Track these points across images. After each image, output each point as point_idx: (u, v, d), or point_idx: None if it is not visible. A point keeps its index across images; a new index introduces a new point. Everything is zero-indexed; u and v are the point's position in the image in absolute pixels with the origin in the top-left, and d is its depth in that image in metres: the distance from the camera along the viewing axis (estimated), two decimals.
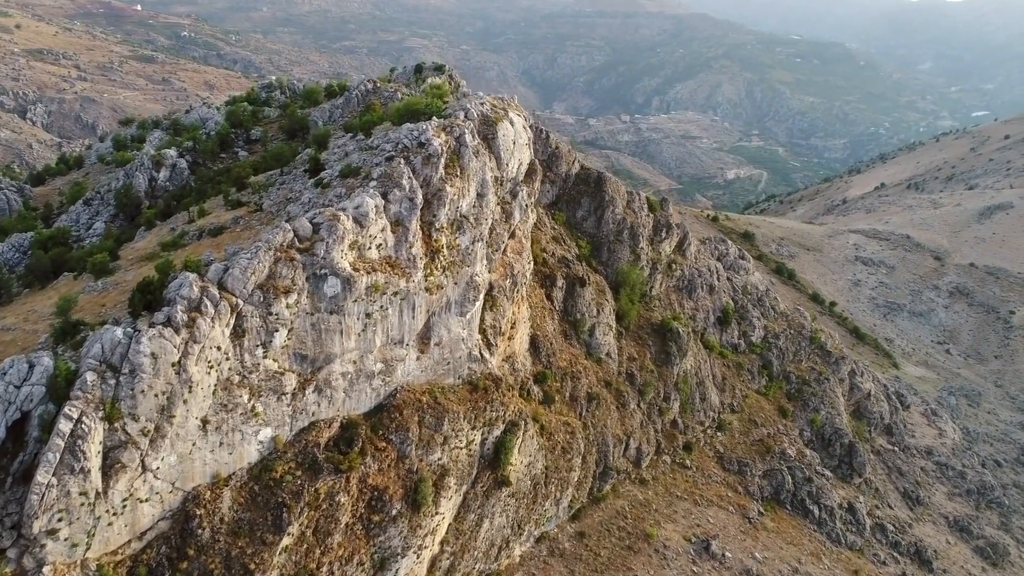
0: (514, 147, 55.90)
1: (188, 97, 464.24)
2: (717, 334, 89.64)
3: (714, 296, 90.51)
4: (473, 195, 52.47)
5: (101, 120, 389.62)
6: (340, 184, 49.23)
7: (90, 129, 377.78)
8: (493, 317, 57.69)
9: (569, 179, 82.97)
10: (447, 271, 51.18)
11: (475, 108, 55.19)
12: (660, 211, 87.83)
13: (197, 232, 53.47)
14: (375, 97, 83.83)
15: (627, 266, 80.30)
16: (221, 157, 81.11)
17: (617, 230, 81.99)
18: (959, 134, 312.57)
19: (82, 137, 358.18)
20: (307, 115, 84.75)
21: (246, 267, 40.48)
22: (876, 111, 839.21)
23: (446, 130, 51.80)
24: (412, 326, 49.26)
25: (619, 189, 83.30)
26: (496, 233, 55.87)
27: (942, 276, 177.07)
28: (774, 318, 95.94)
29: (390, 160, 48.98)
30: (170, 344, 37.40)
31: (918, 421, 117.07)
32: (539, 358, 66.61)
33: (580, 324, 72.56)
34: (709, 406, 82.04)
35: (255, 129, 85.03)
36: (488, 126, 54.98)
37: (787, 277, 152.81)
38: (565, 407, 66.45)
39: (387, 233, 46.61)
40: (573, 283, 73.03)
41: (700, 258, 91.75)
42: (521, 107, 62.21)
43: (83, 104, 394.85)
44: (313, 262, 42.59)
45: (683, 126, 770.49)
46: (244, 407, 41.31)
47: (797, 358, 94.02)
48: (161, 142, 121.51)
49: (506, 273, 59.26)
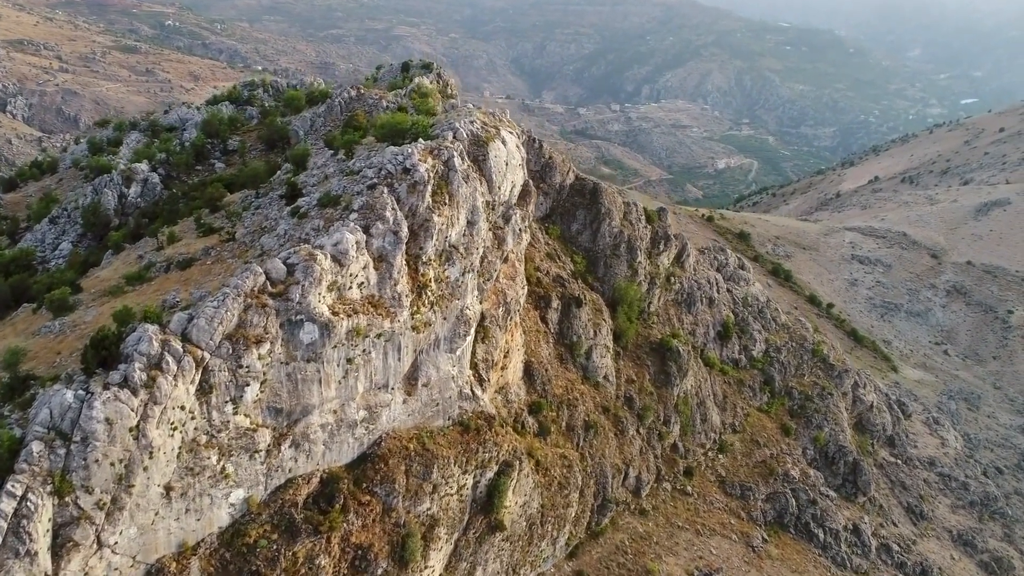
0: (506, 169, 52.05)
1: (172, 89, 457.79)
2: (717, 349, 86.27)
3: (714, 309, 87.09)
4: (463, 223, 48.68)
5: (83, 113, 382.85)
6: (318, 214, 45.31)
7: (72, 122, 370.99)
8: (485, 350, 54.04)
9: (563, 190, 79.18)
10: (436, 306, 47.43)
11: (464, 127, 51.27)
12: (658, 222, 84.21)
13: (165, 263, 49.44)
14: (359, 105, 79.66)
15: (625, 282, 76.70)
16: (197, 169, 76.93)
17: (614, 244, 78.31)
18: (952, 126, 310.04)
19: (64, 130, 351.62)
20: (287, 123, 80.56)
21: (212, 316, 36.63)
22: (865, 99, 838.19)
23: (433, 153, 47.89)
24: (398, 368, 45.55)
25: (616, 200, 79.58)
26: (488, 261, 52.11)
27: (939, 275, 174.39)
28: (775, 330, 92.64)
29: (372, 188, 45.09)
30: (127, 407, 33.59)
31: (920, 430, 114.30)
32: (534, 386, 63.04)
33: (576, 347, 69.00)
34: (710, 427, 78.74)
35: (233, 138, 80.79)
36: (478, 146, 51.10)
37: (784, 279, 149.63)
38: (562, 438, 62.96)
39: (369, 270, 42.80)
40: (569, 303, 69.41)
41: (699, 269, 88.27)
42: (514, 123, 58.32)
43: (64, 97, 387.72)
44: (287, 308, 38.77)
45: (673, 115, 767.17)
46: (213, 469, 37.57)
47: (799, 372, 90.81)
48: (139, 145, 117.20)
49: (498, 301, 55.56)
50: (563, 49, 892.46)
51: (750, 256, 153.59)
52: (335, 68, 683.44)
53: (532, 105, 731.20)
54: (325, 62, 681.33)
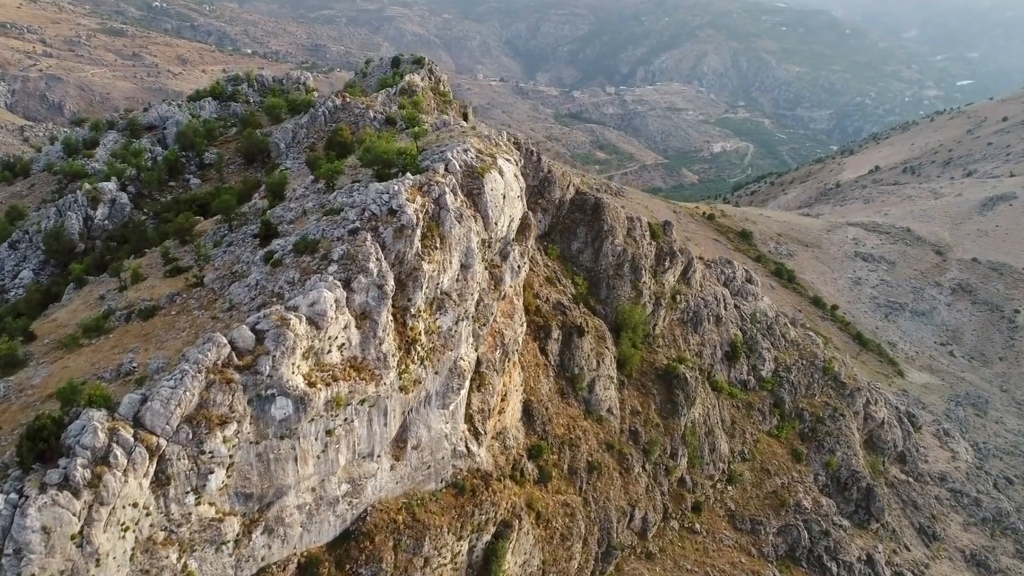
0: (504, 202, 47.16)
1: (159, 74, 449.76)
2: (725, 370, 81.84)
3: (721, 328, 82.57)
4: (456, 267, 43.86)
5: (68, 99, 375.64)
6: (294, 263, 40.39)
7: (56, 108, 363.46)
8: (481, 399, 49.42)
9: (563, 206, 74.33)
10: (427, 360, 42.72)
11: (457, 156, 46.25)
12: (663, 237, 79.45)
13: (126, 311, 44.51)
14: (344, 115, 74.52)
15: (628, 305, 72.07)
16: (170, 186, 71.84)
17: (617, 263, 73.60)
18: (953, 113, 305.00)
19: (48, 117, 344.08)
20: (268, 135, 75.36)
21: (169, 398, 31.86)
22: (861, 80, 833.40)
23: (423, 190, 42.96)
24: (384, 435, 40.91)
25: (619, 216, 74.74)
26: (484, 305, 47.34)
27: (944, 272, 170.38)
28: (785, 348, 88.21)
29: (354, 234, 40.19)
30: (67, 512, 28.89)
31: (930, 443, 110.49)
32: (533, 427, 58.52)
33: (578, 380, 64.44)
34: (719, 457, 74.43)
35: (210, 151, 75.55)
36: (473, 179, 46.14)
37: (787, 280, 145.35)
38: (563, 482, 58.51)
39: (351, 330, 38.02)
40: (570, 333, 64.75)
41: (706, 285, 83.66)
42: (511, 147, 53.28)
43: (48, 83, 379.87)
44: (256, 382, 34.02)
45: (668, 98, 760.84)
46: (173, 569, 32.96)
47: (810, 392, 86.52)
48: (116, 146, 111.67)
49: (495, 343, 50.88)
50: (557, 30, 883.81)
51: (752, 256, 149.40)
52: (326, 50, 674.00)
53: (526, 88, 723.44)
54: (316, 44, 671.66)
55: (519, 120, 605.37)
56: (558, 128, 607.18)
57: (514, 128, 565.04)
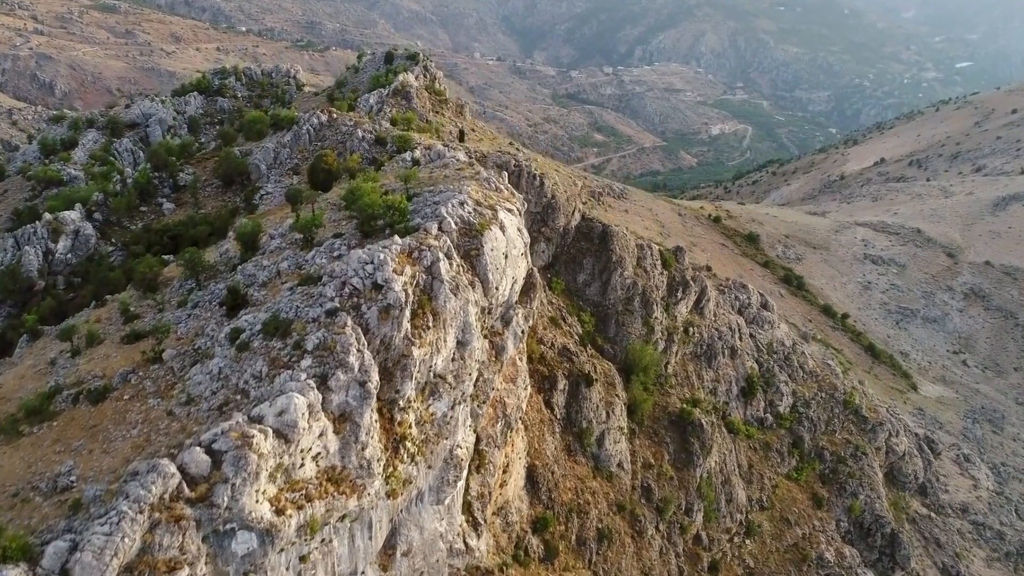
0: (506, 263, 41.10)
1: (152, 52, 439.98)
2: (741, 408, 76.16)
3: (736, 361, 76.78)
4: (451, 346, 37.83)
5: (59, 79, 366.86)
6: (262, 349, 34.31)
7: (47, 88, 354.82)
8: (481, 481, 43.61)
9: (568, 234, 68.20)
10: (418, 455, 36.84)
11: (453, 212, 40.02)
12: (675, 265, 73.45)
13: (75, 390, 38.42)
14: (330, 133, 68.10)
15: (639, 345, 66.15)
16: (141, 211, 65.45)
17: (627, 297, 67.63)
18: (960, 103, 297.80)
19: (40, 98, 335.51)
20: (248, 154, 68.87)
21: (103, 548, 25.86)
22: (860, 62, 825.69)
23: (412, 258, 36.81)
24: (370, 548, 35.09)
25: (628, 245, 68.68)
26: (484, 380, 41.38)
27: (956, 276, 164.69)
28: (803, 379, 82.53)
29: (332, 316, 34.10)
30: None
31: (950, 470, 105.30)
32: (538, 495, 52.80)
33: (586, 434, 58.68)
34: (736, 507, 68.93)
35: (185, 171, 69.05)
36: (471, 237, 39.97)
37: (796, 287, 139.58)
38: (571, 556, 52.88)
39: (328, 437, 32.07)
40: (577, 382, 58.88)
41: (719, 315, 77.75)
42: (514, 193, 46.95)
43: (39, 62, 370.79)
44: (212, 516, 28.06)
45: (667, 78, 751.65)
46: None
47: (830, 428, 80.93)
48: (96, 146, 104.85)
49: (496, 416, 45.00)
50: (554, 7, 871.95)
51: (760, 262, 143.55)
52: (322, 27, 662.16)
53: (523, 67, 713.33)
54: (312, 21, 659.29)
55: (516, 101, 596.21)
56: (556, 110, 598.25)
57: (511, 109, 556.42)
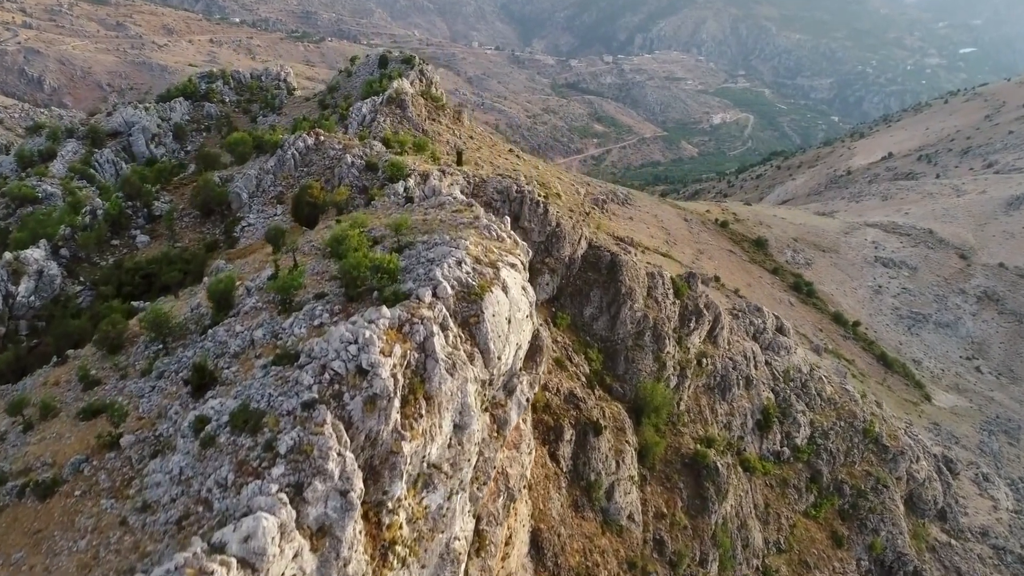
0: (509, 328, 36.60)
1: (144, 46, 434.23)
2: (756, 442, 71.84)
3: (752, 392, 72.40)
4: (448, 431, 33.34)
5: (47, 74, 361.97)
6: (229, 446, 29.75)
7: (36, 84, 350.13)
8: (481, 565, 39.19)
9: (574, 264, 63.61)
10: (410, 556, 32.42)
11: (449, 275, 35.39)
12: (688, 293, 68.91)
13: (21, 481, 34.01)
14: (317, 158, 63.45)
15: (651, 384, 61.69)
16: (113, 245, 60.83)
17: (637, 331, 63.13)
18: (969, 95, 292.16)
19: (28, 93, 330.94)
20: (229, 180, 64.20)
21: None
22: (863, 48, 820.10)
23: (403, 333, 32.24)
24: None
25: (638, 275, 64.11)
26: (484, 459, 36.96)
27: (969, 278, 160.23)
28: (821, 407, 78.21)
29: (310, 409, 29.57)
30: None
31: (969, 491, 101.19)
32: (543, 562, 48.49)
33: (595, 487, 54.32)
34: (752, 552, 64.71)
35: (161, 199, 64.37)
36: (470, 302, 35.41)
37: (806, 295, 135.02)
38: None
39: (304, 557, 27.55)
40: (585, 431, 54.47)
41: (734, 343, 73.31)
42: (517, 241, 42.18)
43: (27, 56, 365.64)
44: None
45: (667, 67, 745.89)
46: None
47: (850, 460, 76.66)
48: (76, 157, 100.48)
49: (498, 489, 40.60)
50: None
51: (769, 268, 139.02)
52: (317, 17, 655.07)
53: (522, 56, 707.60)
54: (307, 11, 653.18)
55: (515, 91, 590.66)
56: (555, 100, 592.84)
57: (510, 100, 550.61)
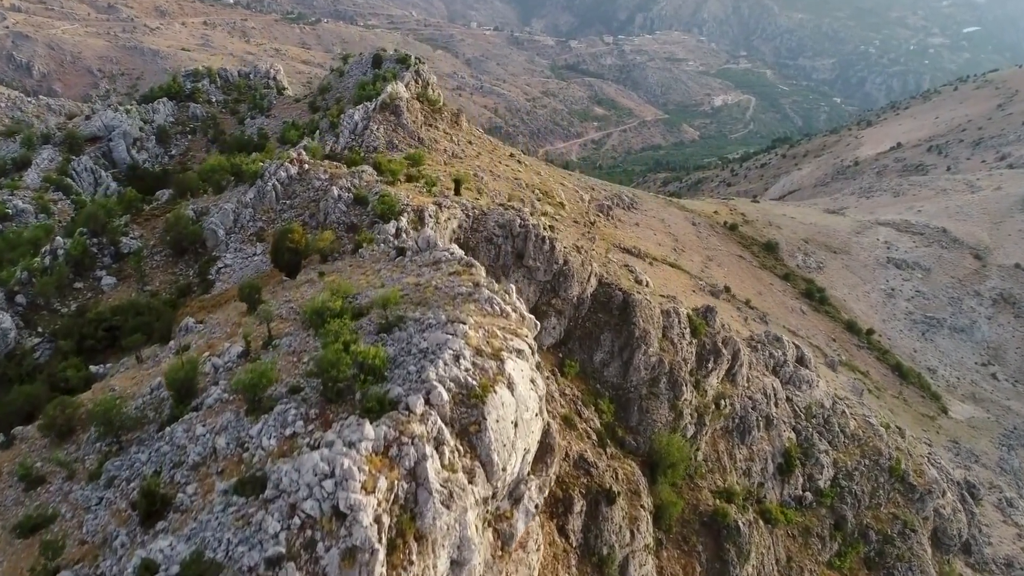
0: (516, 433, 31.22)
1: (135, 29, 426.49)
2: (777, 488, 66.75)
3: (772, 433, 67.23)
4: (444, 571, 28.10)
5: (36, 60, 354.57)
6: None
7: (24, 70, 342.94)
8: None
9: (583, 305, 58.21)
10: None
11: (445, 376, 29.81)
12: (705, 330, 63.52)
13: None
14: (300, 188, 57.81)
15: (667, 437, 56.46)
16: (76, 288, 55.27)
17: (652, 378, 57.85)
18: (979, 82, 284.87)
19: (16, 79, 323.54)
20: (204, 214, 58.52)
21: None
22: (865, 27, 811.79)
23: (390, 456, 26.86)
24: None
25: (652, 315, 58.70)
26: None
27: (984, 280, 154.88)
28: (844, 445, 73.11)
29: (275, 568, 24.28)
30: None
31: (992, 518, 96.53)
32: None
33: (608, 562, 49.17)
34: None
35: (130, 234, 58.65)
36: (469, 407, 29.96)
37: (818, 302, 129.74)
38: None
39: None
40: (597, 500, 49.33)
41: (753, 379, 68.05)
42: (524, 315, 36.57)
43: (16, 41, 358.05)
44: None
45: (668, 47, 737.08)
46: None
47: (875, 502, 71.69)
48: (52, 166, 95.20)
49: None
50: None
51: (780, 274, 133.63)
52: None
53: (521, 37, 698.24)
54: None
55: (514, 74, 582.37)
56: (554, 83, 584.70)
57: (509, 83, 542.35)
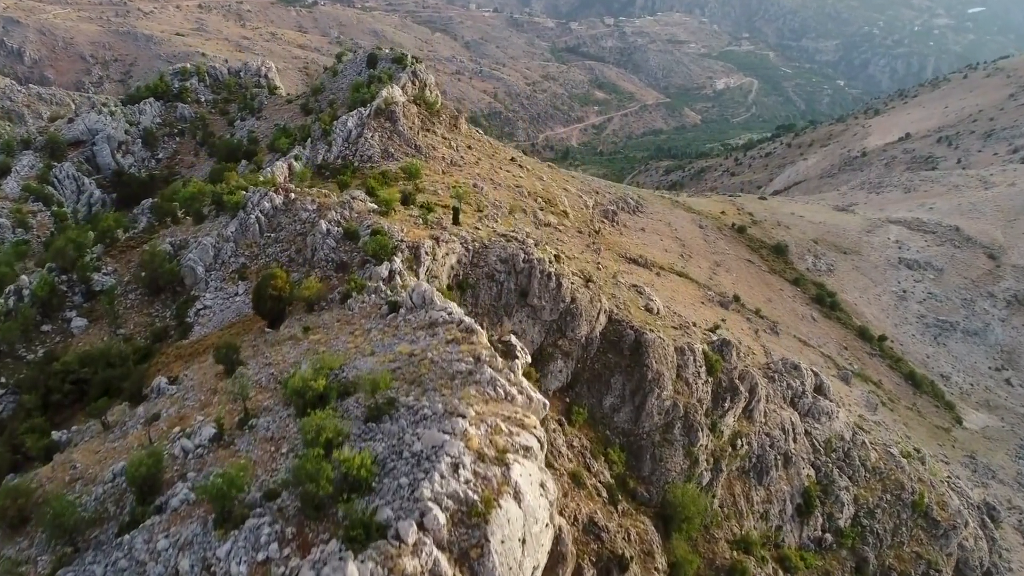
0: (524, 551, 27.32)
1: (128, 13, 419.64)
2: (796, 530, 63.09)
3: (791, 472, 63.47)
4: None
5: (28, 45, 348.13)
6: None
7: (16, 56, 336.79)
8: None
9: (592, 345, 54.19)
10: None
11: (442, 492, 25.68)
12: (722, 367, 59.54)
13: None
14: (286, 221, 53.62)
15: (682, 489, 52.62)
16: (43, 331, 51.11)
17: (665, 423, 53.98)
18: (989, 70, 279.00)
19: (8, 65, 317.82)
20: (183, 245, 54.27)
21: None
22: (869, 8, 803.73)
23: None
24: None
25: (666, 355, 54.73)
26: None
27: (997, 281, 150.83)
28: (865, 480, 69.37)
29: None
30: None
31: (1012, 541, 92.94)
32: None
33: None
34: None
35: (102, 272, 54.37)
36: (470, 527, 25.86)
37: (829, 307, 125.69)
38: None
39: None
40: (608, 568, 45.57)
41: (770, 414, 64.18)
42: (531, 397, 32.38)
43: (6, 27, 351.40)
44: None
45: (669, 29, 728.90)
46: None
47: (898, 539, 68.07)
48: (32, 173, 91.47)
49: None
50: None
51: (790, 279, 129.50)
52: None
53: (521, 19, 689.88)
54: None
55: (514, 57, 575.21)
56: (555, 66, 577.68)
57: (508, 67, 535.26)
